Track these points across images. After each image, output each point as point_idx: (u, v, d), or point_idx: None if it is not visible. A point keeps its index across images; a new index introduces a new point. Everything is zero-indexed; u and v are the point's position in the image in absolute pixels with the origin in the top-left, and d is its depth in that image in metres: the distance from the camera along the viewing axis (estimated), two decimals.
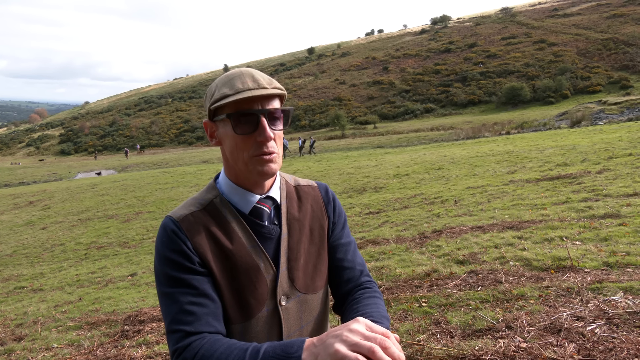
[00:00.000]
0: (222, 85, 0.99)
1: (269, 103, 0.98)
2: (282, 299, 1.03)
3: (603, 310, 2.80)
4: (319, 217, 1.15)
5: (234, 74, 1.01)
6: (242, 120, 0.97)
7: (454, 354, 2.53)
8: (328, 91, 74.33)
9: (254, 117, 0.97)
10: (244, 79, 0.97)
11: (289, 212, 1.10)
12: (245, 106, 0.96)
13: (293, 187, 1.16)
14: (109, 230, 11.54)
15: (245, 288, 1.00)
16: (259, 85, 0.96)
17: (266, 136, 0.96)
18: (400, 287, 3.97)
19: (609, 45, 59.84)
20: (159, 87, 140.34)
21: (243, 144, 0.98)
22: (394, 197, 10.10)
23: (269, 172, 0.99)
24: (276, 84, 1.00)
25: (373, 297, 1.09)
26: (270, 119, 0.98)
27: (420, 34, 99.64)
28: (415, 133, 38.04)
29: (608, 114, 26.79)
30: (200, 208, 1.03)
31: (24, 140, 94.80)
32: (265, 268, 1.02)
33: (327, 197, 1.19)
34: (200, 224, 1.00)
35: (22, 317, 4.95)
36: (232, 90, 0.96)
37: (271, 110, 0.98)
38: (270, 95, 0.98)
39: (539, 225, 5.31)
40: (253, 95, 0.94)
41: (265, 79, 0.99)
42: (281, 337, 1.03)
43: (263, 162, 0.98)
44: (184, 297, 0.94)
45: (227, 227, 1.02)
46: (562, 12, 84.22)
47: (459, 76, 65.04)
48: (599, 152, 11.10)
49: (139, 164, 38.65)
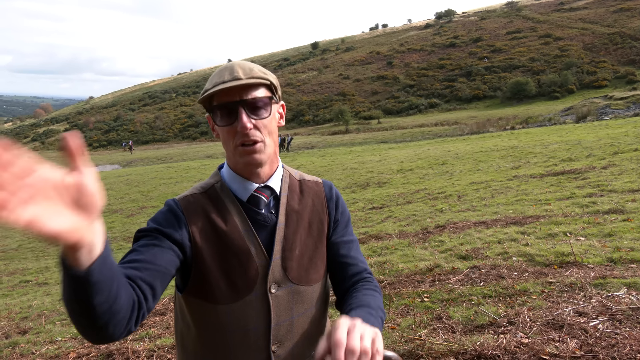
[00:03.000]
0: (208, 81, 1.04)
1: (248, 93, 1.00)
2: (272, 286, 1.04)
3: (606, 306, 2.78)
4: (319, 212, 1.15)
5: (220, 68, 1.04)
6: (221, 112, 1.01)
7: (456, 349, 2.53)
8: (332, 86, 74.13)
9: (233, 108, 0.99)
10: (223, 72, 1.01)
11: (288, 204, 1.11)
12: (224, 99, 0.99)
13: (297, 180, 1.17)
14: (113, 225, 11.60)
15: (234, 269, 1.02)
16: (234, 77, 0.98)
17: (242, 125, 0.98)
18: (402, 282, 3.97)
19: (616, 39, 59.29)
20: (163, 82, 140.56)
21: (227, 135, 1.02)
22: (397, 192, 10.08)
23: (252, 163, 1.02)
24: (256, 74, 1.01)
25: (372, 290, 1.10)
26: (250, 109, 1.00)
27: (425, 29, 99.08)
28: (420, 128, 37.91)
29: (614, 109, 26.56)
30: (202, 191, 1.07)
31: (29, 135, 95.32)
32: (256, 253, 1.04)
33: (330, 194, 1.19)
34: (199, 205, 1.04)
35: (26, 311, 4.98)
36: (211, 84, 1.01)
37: (249, 100, 0.99)
38: (247, 85, 0.99)
39: (543, 221, 5.29)
40: (225, 88, 0.97)
41: (244, 70, 1.00)
42: (269, 324, 1.04)
43: (244, 153, 1.01)
44: (140, 243, 0.95)
45: (223, 210, 1.05)
46: (568, 6, 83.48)
47: (464, 71, 64.66)
48: (604, 147, 11.02)
49: (143, 159, 38.76)
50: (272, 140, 1.05)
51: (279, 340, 1.06)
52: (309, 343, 1.11)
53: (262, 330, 1.04)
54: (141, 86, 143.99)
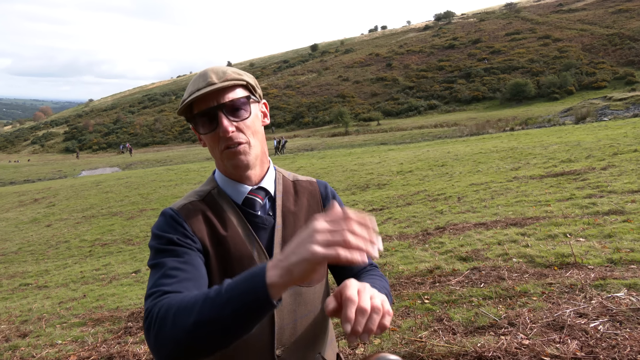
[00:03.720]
0: (185, 92, 1.03)
1: (225, 96, 0.99)
2: None
3: (606, 307, 2.78)
4: (316, 212, 1.14)
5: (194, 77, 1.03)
6: (202, 119, 1.00)
7: (456, 350, 2.53)
8: (331, 88, 74.20)
9: (212, 113, 0.98)
10: (198, 80, 1.00)
11: (284, 205, 1.11)
12: (202, 106, 0.99)
13: (291, 182, 1.17)
14: (113, 228, 11.59)
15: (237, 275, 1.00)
16: (208, 83, 0.97)
17: (223, 129, 0.97)
18: (402, 283, 3.97)
19: (615, 40, 59.40)
20: (162, 84, 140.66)
21: (211, 142, 1.02)
22: (397, 193, 10.08)
23: (239, 165, 1.02)
24: (230, 76, 1.00)
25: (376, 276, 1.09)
26: (229, 112, 0.99)
27: (424, 30, 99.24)
28: (419, 130, 37.92)
29: (613, 110, 26.60)
30: (199, 199, 1.06)
31: (29, 138, 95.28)
32: (258, 256, 1.03)
33: (325, 192, 1.19)
34: (199, 211, 1.03)
35: (26, 314, 4.98)
36: (187, 94, 1.00)
37: (227, 103, 0.98)
38: (222, 88, 0.98)
39: (543, 222, 5.29)
40: (201, 95, 0.96)
41: (217, 74, 0.99)
42: (273, 328, 1.03)
43: (231, 156, 1.00)
44: (169, 262, 0.92)
45: (223, 215, 1.04)
46: (567, 7, 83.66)
47: (463, 72, 64.75)
48: (603, 148, 11.03)
49: (142, 162, 38.76)
50: (257, 141, 1.04)
51: (283, 343, 1.04)
52: (313, 345, 1.10)
53: (266, 334, 1.02)
54: (141, 89, 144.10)
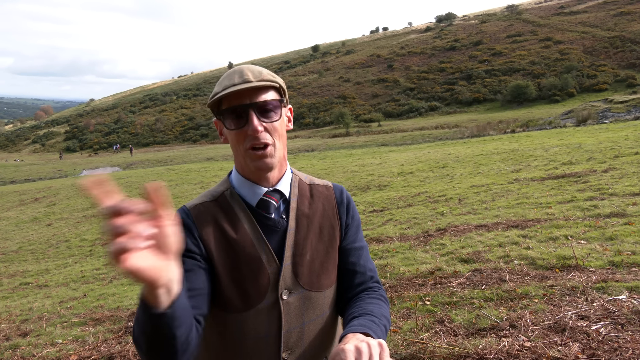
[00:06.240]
0: (217, 84, 1.02)
1: (259, 96, 0.99)
2: (284, 292, 1.03)
3: (608, 309, 2.78)
4: (330, 217, 1.13)
5: (228, 72, 1.03)
6: (231, 115, 0.99)
7: (458, 352, 2.53)
8: (332, 89, 74.21)
9: (243, 111, 0.98)
10: (233, 76, 1.00)
11: (298, 208, 1.10)
12: (234, 102, 0.98)
13: (307, 185, 1.16)
14: None
15: (246, 278, 1.01)
16: (244, 80, 0.98)
17: (253, 128, 0.97)
18: (403, 285, 3.97)
19: (616, 43, 59.36)
20: (163, 84, 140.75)
21: (237, 139, 1.01)
22: (398, 195, 10.08)
23: (262, 167, 1.01)
24: (265, 77, 1.00)
25: (377, 298, 1.08)
26: (260, 112, 0.99)
27: (425, 32, 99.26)
28: (420, 131, 37.91)
29: (614, 113, 26.59)
30: (212, 199, 1.06)
31: (30, 137, 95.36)
32: (267, 260, 1.02)
33: (341, 198, 1.17)
34: (209, 214, 1.03)
35: (27, 313, 4.98)
36: (220, 87, 0.99)
37: (259, 103, 0.98)
38: (257, 88, 0.98)
39: (544, 224, 5.28)
40: (236, 90, 0.96)
41: (253, 73, 1.00)
42: (280, 331, 1.02)
43: (255, 158, 1.00)
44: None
45: (234, 218, 1.04)
46: (569, 9, 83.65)
47: (464, 74, 64.74)
48: (604, 150, 11.02)
49: (143, 161, 38.78)
50: (281, 144, 1.04)
51: (289, 347, 1.04)
52: (319, 349, 1.09)
53: (273, 337, 1.02)
54: (142, 88, 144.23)
